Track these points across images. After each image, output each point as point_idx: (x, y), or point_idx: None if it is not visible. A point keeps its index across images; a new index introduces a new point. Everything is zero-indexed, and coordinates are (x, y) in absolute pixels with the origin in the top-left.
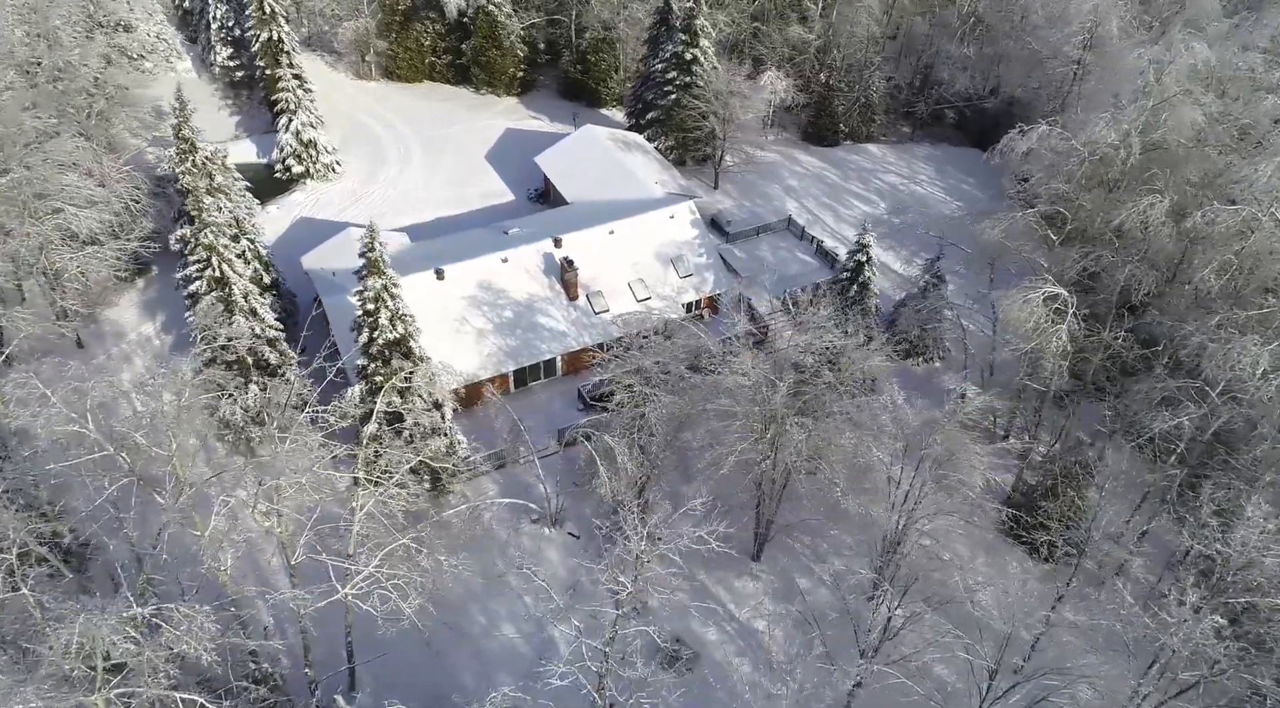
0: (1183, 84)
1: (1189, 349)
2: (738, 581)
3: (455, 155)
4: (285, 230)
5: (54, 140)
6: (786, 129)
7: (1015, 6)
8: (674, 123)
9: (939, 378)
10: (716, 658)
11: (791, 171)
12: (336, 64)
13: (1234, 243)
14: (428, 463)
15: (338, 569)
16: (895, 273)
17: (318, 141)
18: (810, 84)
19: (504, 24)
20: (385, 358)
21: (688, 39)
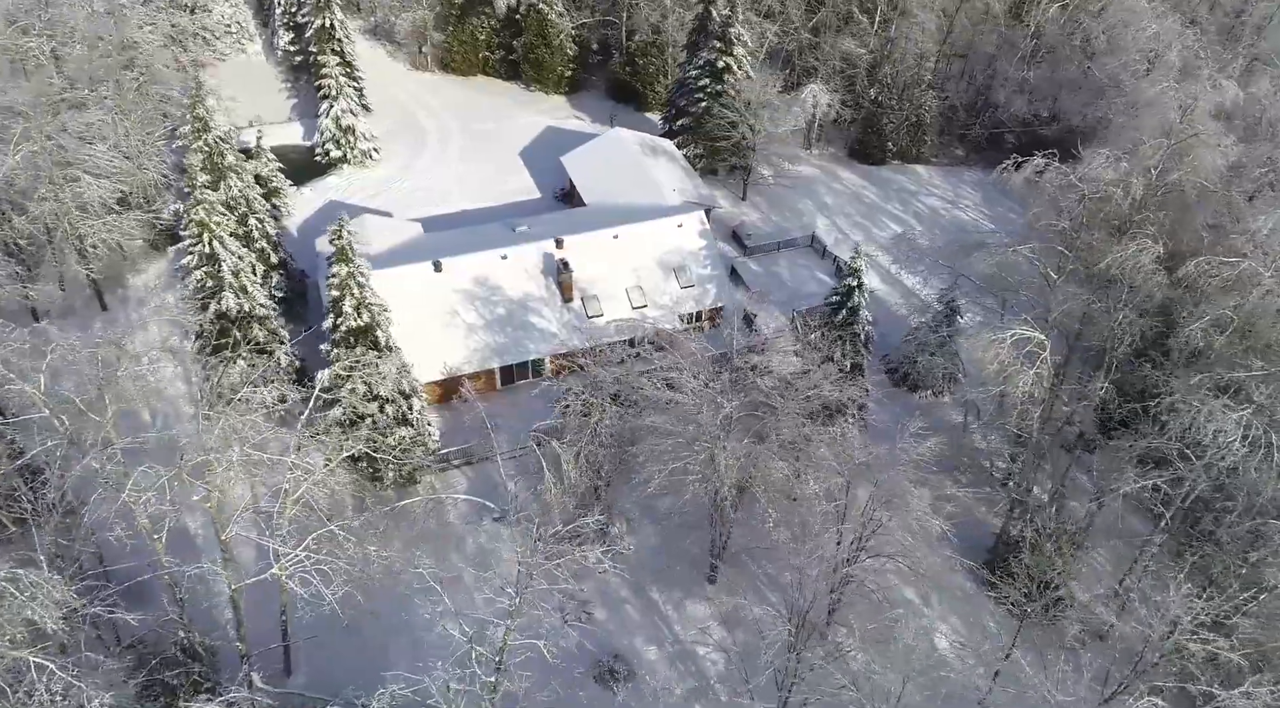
0: (1206, 124)
1: (1161, 408)
2: (689, 602)
3: (492, 150)
4: (313, 212)
5: (75, 112)
6: (833, 144)
7: (1077, 29)
8: (703, 131)
9: (943, 411)
10: (651, 679)
11: (829, 188)
12: (396, 54)
13: (1230, 298)
14: (371, 453)
15: (270, 549)
16: (919, 299)
17: (356, 128)
18: (859, 99)
19: (554, 23)
20: (349, 344)
21: (722, 46)
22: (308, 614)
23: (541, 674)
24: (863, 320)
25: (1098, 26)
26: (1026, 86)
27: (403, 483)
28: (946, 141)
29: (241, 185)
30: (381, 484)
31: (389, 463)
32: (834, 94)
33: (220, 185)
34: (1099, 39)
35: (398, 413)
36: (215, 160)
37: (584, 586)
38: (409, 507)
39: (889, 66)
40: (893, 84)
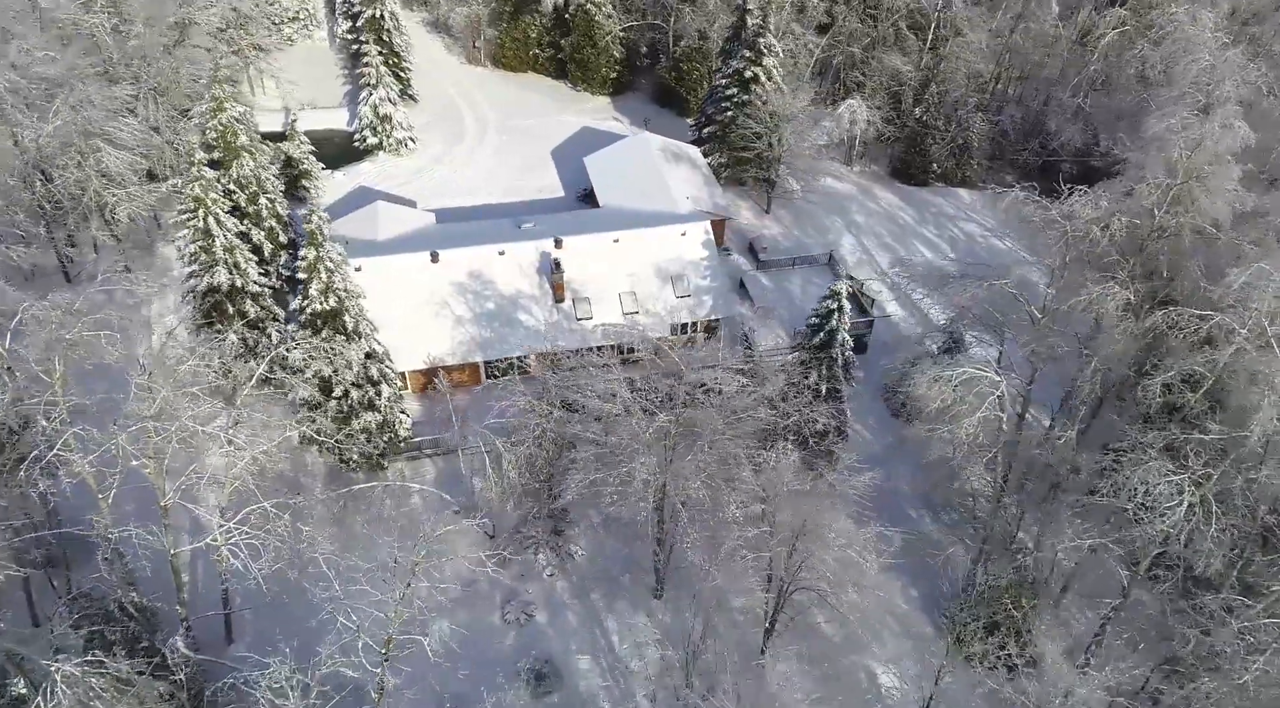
0: (1222, 166)
1: (1101, 466)
2: (632, 614)
3: (525, 147)
4: (342, 196)
5: (104, 85)
6: (876, 162)
7: (1133, 58)
8: (728, 140)
9: (942, 446)
10: (579, 687)
11: (862, 206)
12: (452, 47)
13: (1201, 354)
14: (314, 436)
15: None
16: (934, 326)
17: (393, 117)
18: (905, 118)
19: (600, 24)
20: (315, 327)
21: (751, 56)
22: (250, 586)
23: (480, 671)
24: (841, 345)
25: (1156, 55)
26: (1082, 114)
27: (371, 467)
28: (997, 167)
29: (254, 165)
30: (347, 466)
31: (339, 446)
32: (877, 111)
33: (233, 164)
34: (1156, 69)
35: (363, 398)
36: (228, 140)
37: (530, 587)
38: (375, 491)
39: (936, 86)
40: (939, 104)
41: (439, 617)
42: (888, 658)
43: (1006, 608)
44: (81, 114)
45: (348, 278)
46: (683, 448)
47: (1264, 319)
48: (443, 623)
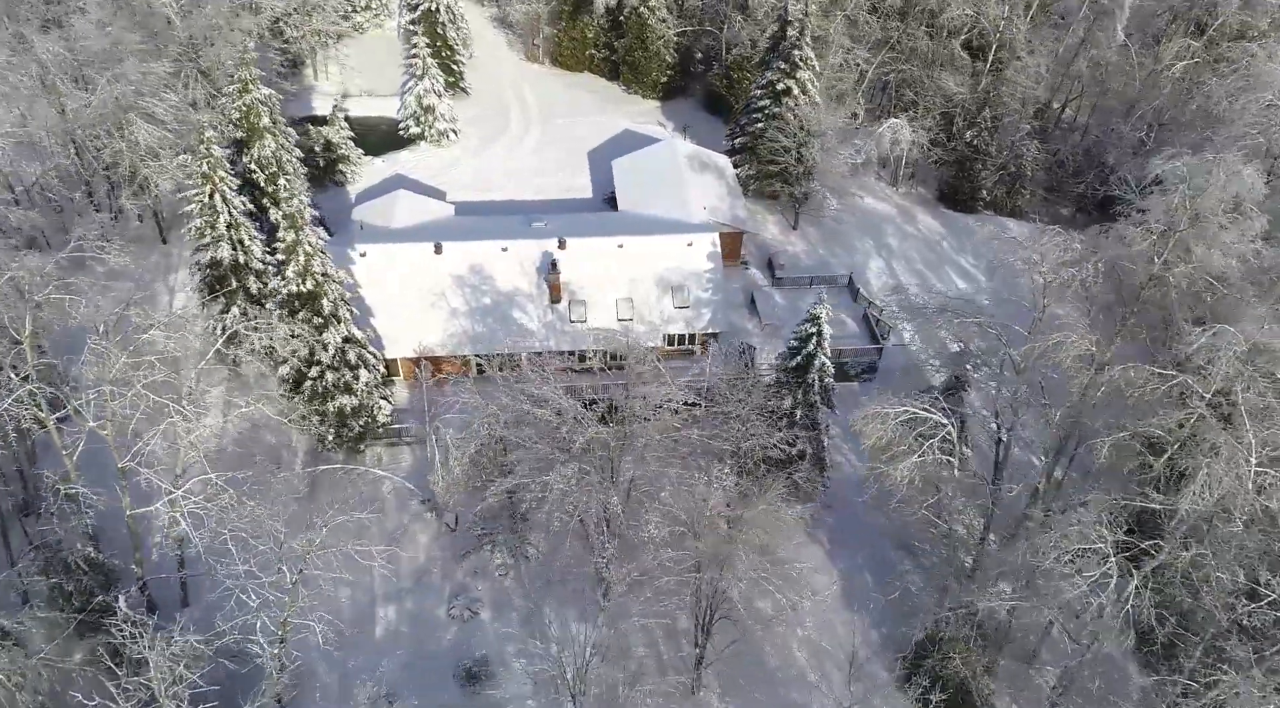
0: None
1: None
2: (578, 622)
3: (564, 146)
4: (377, 182)
5: (142, 61)
6: (925, 185)
7: (1197, 91)
8: (758, 152)
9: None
10: (509, 691)
11: (899, 229)
12: (514, 44)
13: (1156, 417)
14: (274, 416)
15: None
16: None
17: (436, 108)
18: (955, 141)
19: (653, 27)
20: (293, 309)
21: (786, 68)
22: (207, 552)
23: (416, 663)
24: (820, 370)
25: (1221, 89)
26: (1144, 149)
27: (349, 450)
28: (1053, 198)
29: (275, 146)
30: (323, 446)
31: (305, 425)
32: (926, 132)
33: (255, 144)
34: (1221, 104)
35: (338, 381)
36: (251, 121)
37: (480, 584)
38: (348, 473)
39: (990, 109)
40: (993, 129)
41: (387, 603)
42: (833, 700)
43: (955, 663)
44: (117, 89)
45: (327, 263)
46: (628, 463)
47: (1222, 385)
48: (322, 623)
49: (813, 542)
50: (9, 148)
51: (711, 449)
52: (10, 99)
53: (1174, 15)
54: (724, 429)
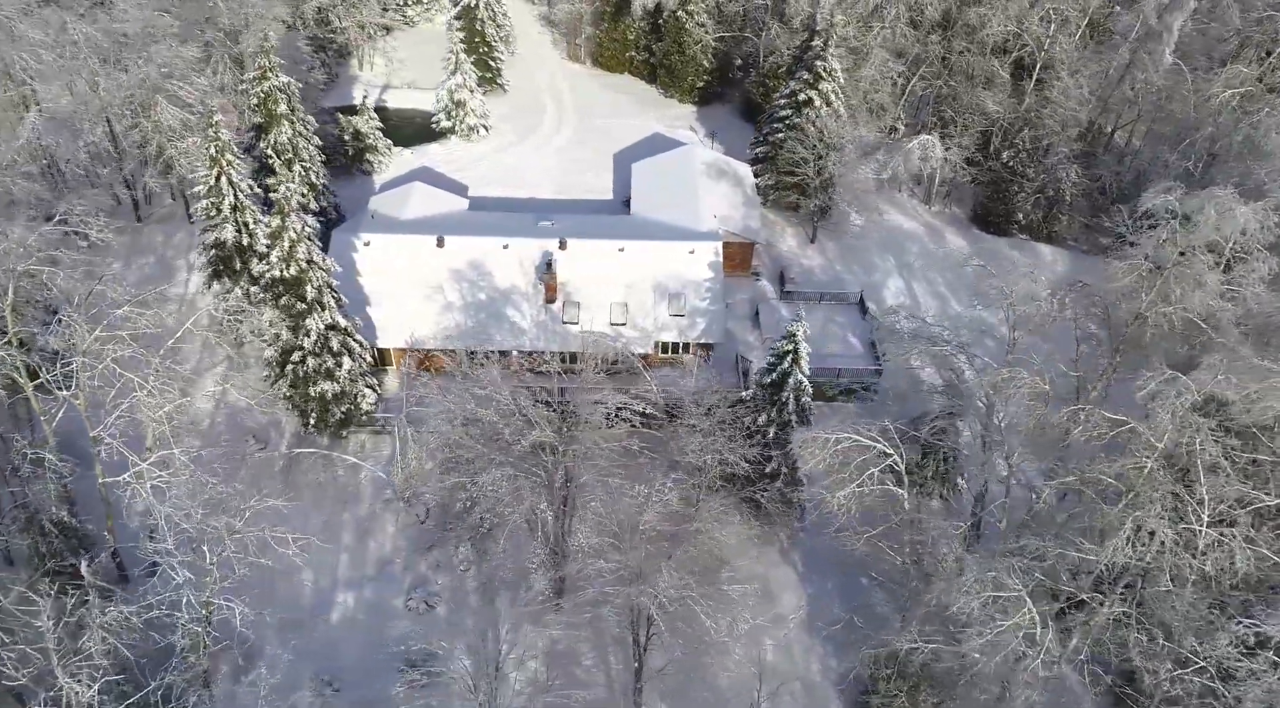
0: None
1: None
2: (530, 624)
3: (591, 147)
4: (403, 173)
5: (168, 46)
6: (961, 204)
7: (1244, 122)
8: (777, 162)
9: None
10: (450, 687)
11: (924, 249)
12: (558, 43)
13: (1101, 464)
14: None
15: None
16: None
17: (467, 103)
18: (991, 161)
19: (690, 31)
20: (276, 293)
21: (809, 78)
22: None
23: (366, 652)
24: (795, 389)
25: (1271, 122)
26: (1188, 180)
27: (332, 435)
28: (1095, 226)
29: (291, 133)
30: (306, 429)
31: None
32: (962, 150)
33: (272, 130)
34: (1270, 137)
35: (319, 367)
36: (269, 107)
37: (441, 578)
38: (324, 458)
39: (1029, 129)
40: (1031, 150)
41: (348, 589)
42: None
43: (900, 701)
44: (147, 70)
45: (313, 250)
46: (565, 469)
47: (1166, 434)
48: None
49: (785, 563)
50: (40, 123)
51: (675, 463)
52: (47, 77)
53: (1242, 41)
54: (685, 442)
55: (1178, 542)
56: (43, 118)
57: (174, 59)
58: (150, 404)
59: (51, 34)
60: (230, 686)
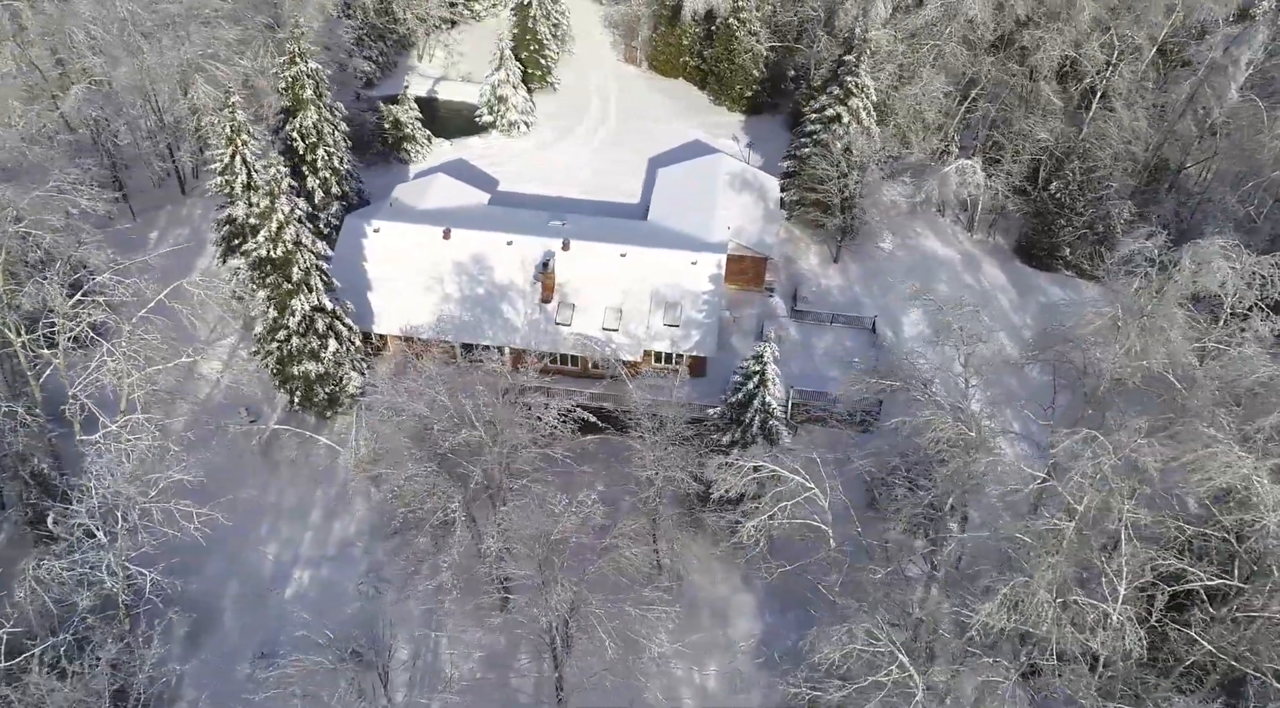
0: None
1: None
2: (474, 622)
3: (628, 149)
4: (439, 164)
5: (206, 28)
6: (1006, 234)
7: None
8: (801, 177)
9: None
10: (385, 677)
11: (955, 278)
12: (617, 44)
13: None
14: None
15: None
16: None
17: (509, 99)
18: (1039, 191)
19: (740, 39)
20: (264, 272)
21: (840, 93)
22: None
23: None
24: (759, 409)
25: None
26: (1248, 225)
27: (318, 414)
28: None
29: (317, 118)
30: (292, 406)
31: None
32: (1008, 177)
33: (299, 114)
34: None
35: (303, 347)
36: (296, 92)
37: (398, 564)
38: (302, 435)
39: (1079, 161)
40: (1082, 183)
41: (306, 567)
42: None
43: None
44: (183, 51)
45: (303, 233)
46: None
47: (1086, 498)
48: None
49: (747, 588)
50: (82, 92)
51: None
52: (96, 51)
53: None
54: (640, 454)
55: (1063, 612)
56: (90, 91)
57: (212, 40)
58: (117, 370)
59: (104, 9)
60: (181, 649)
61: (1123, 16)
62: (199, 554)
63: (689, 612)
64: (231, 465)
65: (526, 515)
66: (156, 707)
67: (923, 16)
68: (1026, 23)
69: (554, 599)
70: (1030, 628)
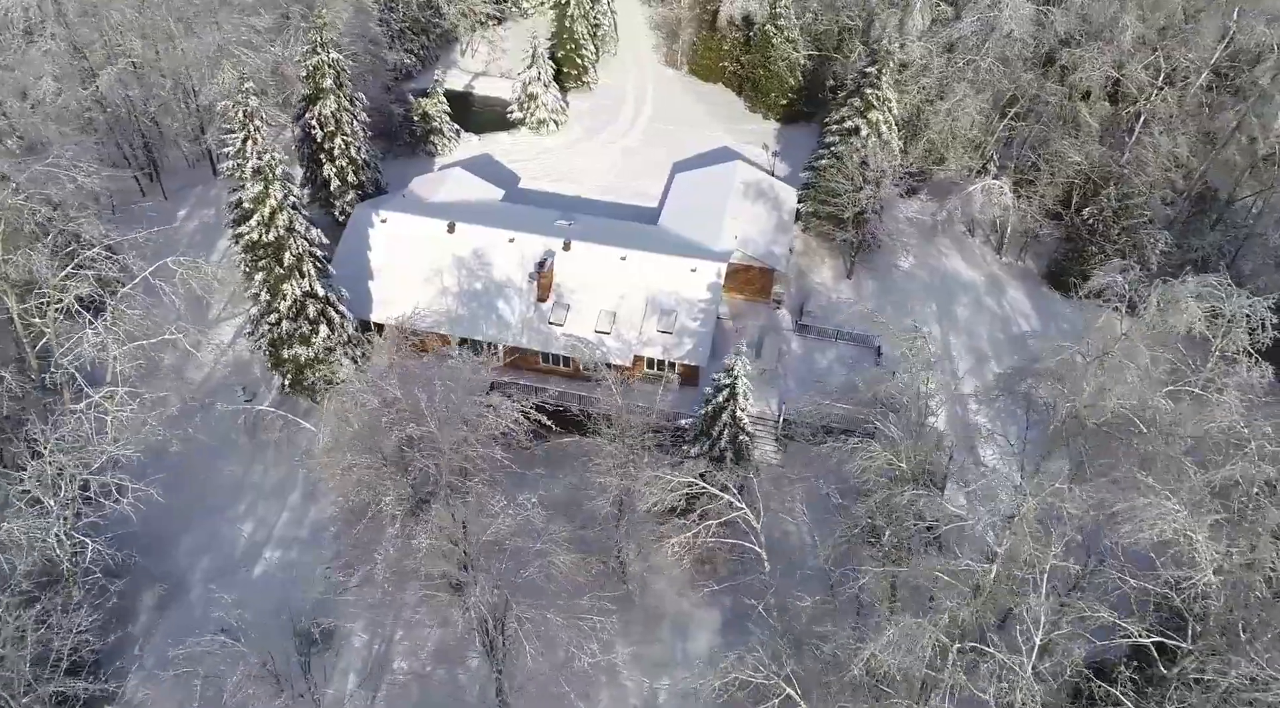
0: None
1: None
2: (431, 613)
3: (654, 152)
4: (466, 157)
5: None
6: (1038, 257)
7: None
8: (817, 189)
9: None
10: (338, 662)
11: (977, 301)
12: (660, 46)
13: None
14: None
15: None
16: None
17: (539, 97)
18: (1072, 216)
19: (777, 47)
20: (256, 256)
21: (860, 105)
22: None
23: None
24: (726, 424)
25: None
26: None
27: (310, 396)
28: None
29: (335, 107)
30: (283, 388)
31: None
32: (1040, 199)
33: (318, 102)
34: None
35: (293, 331)
36: (316, 80)
37: (368, 552)
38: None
39: (1115, 186)
40: (1117, 210)
41: (276, 548)
42: None
43: None
44: (213, 35)
45: (296, 219)
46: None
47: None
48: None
49: (714, 605)
50: (114, 73)
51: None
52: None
53: None
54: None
55: (958, 658)
56: (124, 73)
57: (241, 27)
58: (95, 343)
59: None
60: (147, 619)
61: (1170, 39)
62: (176, 527)
63: (648, 623)
64: (218, 443)
65: (453, 515)
66: (87, 674)
67: (959, 30)
68: (1067, 41)
69: (472, 600)
70: (931, 671)
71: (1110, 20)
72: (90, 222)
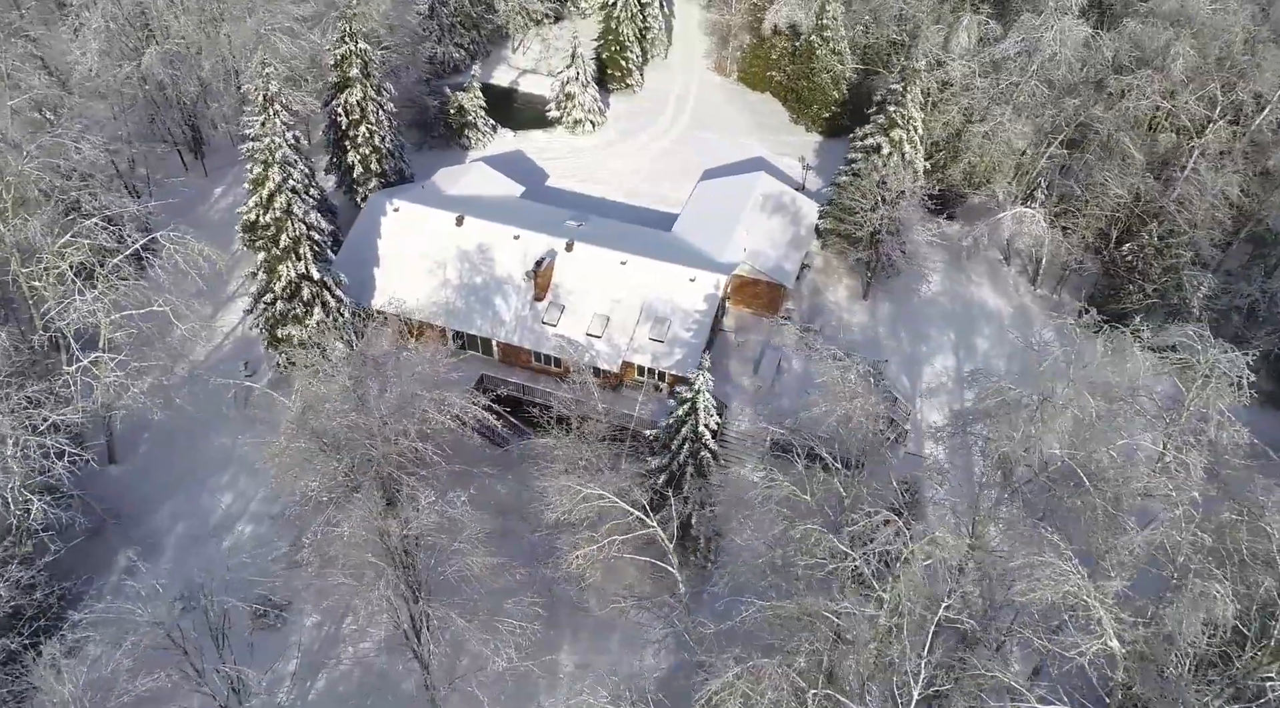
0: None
1: None
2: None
3: (686, 159)
4: (499, 153)
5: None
6: (1078, 291)
7: None
8: (836, 206)
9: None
10: (287, 638)
11: (999, 332)
12: (711, 52)
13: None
14: None
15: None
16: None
17: (575, 96)
18: (1112, 251)
19: (821, 58)
20: (254, 236)
21: (884, 122)
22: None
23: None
24: (687, 438)
25: None
26: None
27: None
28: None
29: (361, 96)
30: (278, 367)
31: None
32: (1079, 231)
33: (345, 90)
34: None
35: (286, 312)
36: (344, 69)
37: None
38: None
39: (1158, 223)
40: (1160, 249)
41: (248, 522)
42: None
43: None
44: (253, 20)
45: (294, 202)
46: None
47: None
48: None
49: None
50: (156, 53)
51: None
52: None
53: None
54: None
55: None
56: (166, 53)
57: (278, 14)
58: (83, 310)
59: None
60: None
61: (1228, 70)
62: (163, 494)
63: (599, 633)
64: (209, 414)
65: (371, 507)
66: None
67: (1001, 50)
68: (1118, 68)
69: (374, 593)
70: None
71: (1163, 47)
72: (95, 193)
